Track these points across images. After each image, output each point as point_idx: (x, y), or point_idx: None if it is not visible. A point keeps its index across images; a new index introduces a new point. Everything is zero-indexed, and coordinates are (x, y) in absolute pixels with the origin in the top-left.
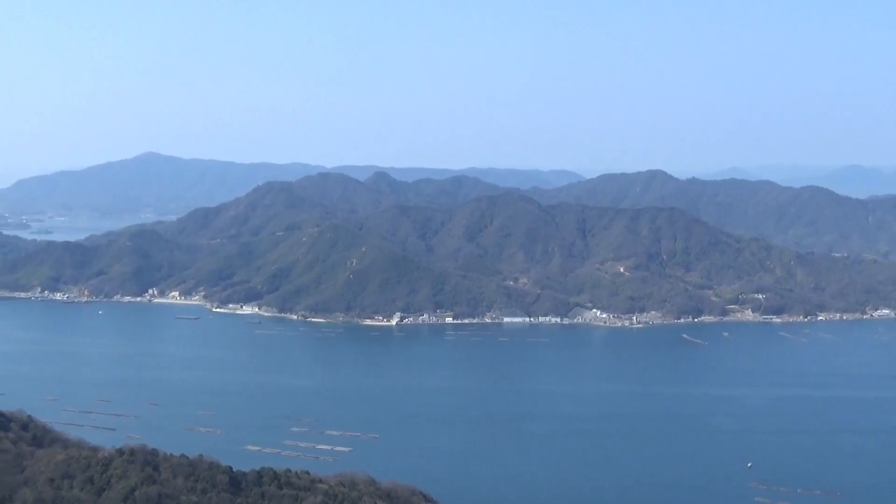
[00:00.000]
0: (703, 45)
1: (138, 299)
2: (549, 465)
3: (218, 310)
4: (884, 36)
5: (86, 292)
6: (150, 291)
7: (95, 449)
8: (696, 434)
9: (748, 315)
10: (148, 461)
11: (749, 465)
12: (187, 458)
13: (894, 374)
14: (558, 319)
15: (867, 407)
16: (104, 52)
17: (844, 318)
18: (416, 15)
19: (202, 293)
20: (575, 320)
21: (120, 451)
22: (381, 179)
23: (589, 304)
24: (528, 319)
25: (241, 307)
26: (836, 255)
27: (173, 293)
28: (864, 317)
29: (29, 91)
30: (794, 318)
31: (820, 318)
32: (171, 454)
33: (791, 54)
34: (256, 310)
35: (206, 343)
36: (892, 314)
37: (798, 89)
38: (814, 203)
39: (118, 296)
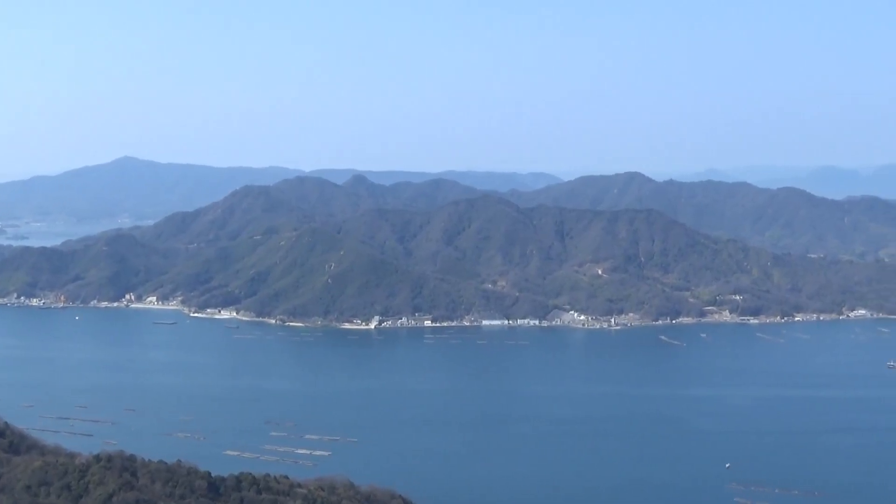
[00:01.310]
0: (680, 47)
1: (115, 305)
2: (529, 467)
3: (196, 314)
4: (859, 38)
5: (62, 298)
6: (127, 296)
7: (72, 455)
8: (674, 435)
9: (726, 316)
10: (125, 467)
11: (727, 465)
12: (165, 463)
13: (871, 374)
14: (537, 322)
15: (845, 407)
16: (80, 57)
17: (821, 318)
18: (394, 19)
19: (180, 298)
20: (553, 322)
21: (97, 458)
22: (359, 183)
23: (567, 307)
24: (506, 322)
25: (219, 312)
26: (813, 256)
27: (150, 298)
28: (841, 317)
29: (3, 96)
30: (772, 319)
31: (797, 318)
32: (148, 460)
33: (767, 56)
34: (234, 314)
35: (184, 348)
36: (869, 315)
37: (774, 91)
38: (790, 204)
39: (95, 301)
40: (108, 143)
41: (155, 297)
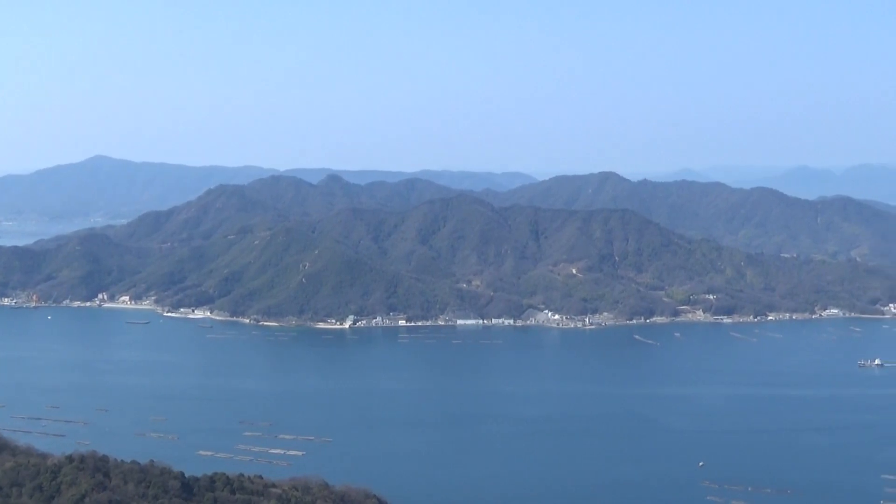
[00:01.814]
0: (654, 48)
1: (88, 304)
2: (503, 466)
3: (169, 314)
4: (830, 40)
5: (34, 297)
6: (100, 296)
7: (44, 456)
8: (648, 434)
9: (699, 315)
10: (98, 468)
11: (700, 464)
12: (138, 464)
13: (843, 373)
14: (511, 321)
15: (817, 405)
16: (52, 55)
17: (794, 317)
18: (368, 17)
19: (153, 297)
20: (528, 322)
21: (70, 458)
22: (334, 182)
23: (542, 306)
24: (481, 321)
25: (193, 311)
26: (786, 255)
27: (123, 298)
28: (813, 317)
29: None
30: (745, 319)
31: (770, 318)
32: (121, 460)
33: (740, 57)
34: (208, 314)
35: (158, 348)
36: (841, 314)
37: (747, 91)
38: (763, 204)
39: (67, 301)
40: (81, 141)
41: (128, 297)
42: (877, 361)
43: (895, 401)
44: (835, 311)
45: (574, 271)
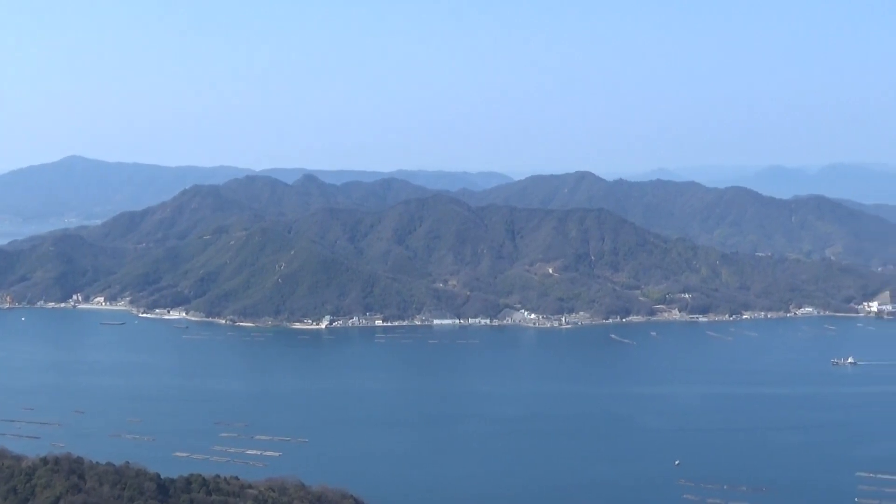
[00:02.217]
0: (629, 48)
1: (62, 305)
2: (480, 466)
3: (144, 315)
4: (804, 40)
5: (8, 298)
6: (75, 297)
7: (19, 458)
8: (624, 433)
9: (675, 314)
10: (73, 470)
11: (677, 462)
12: (114, 465)
13: (817, 371)
14: (488, 321)
15: (791, 404)
16: (25, 55)
17: (769, 316)
18: (344, 17)
19: (128, 298)
20: (504, 321)
21: (44, 460)
22: (310, 182)
23: (518, 306)
24: (457, 321)
25: (168, 312)
26: (761, 254)
27: (98, 299)
28: (788, 315)
29: None
30: (720, 317)
31: (745, 316)
32: (96, 462)
33: (713, 57)
34: (184, 314)
35: (133, 349)
36: (815, 312)
37: (721, 91)
38: (738, 203)
39: (41, 302)
40: (55, 141)
41: (103, 298)
42: (850, 360)
43: (868, 399)
44: (809, 309)
45: (550, 271)
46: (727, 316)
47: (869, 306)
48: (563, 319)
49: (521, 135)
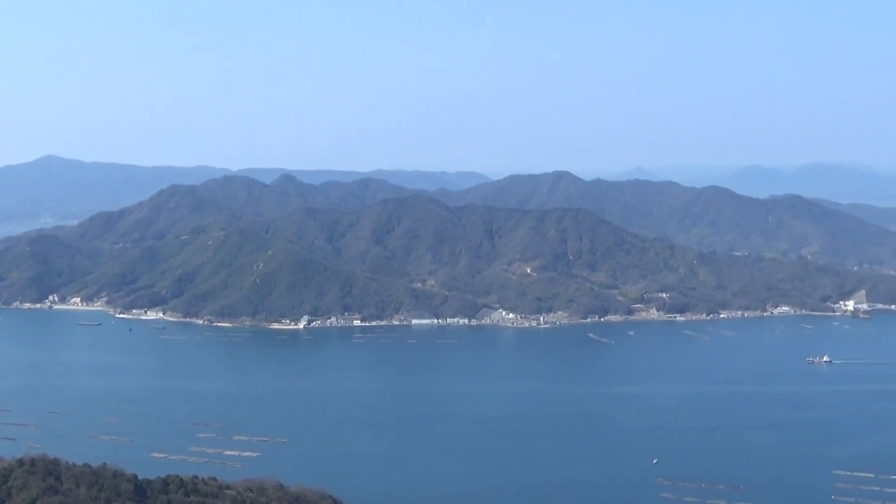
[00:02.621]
0: (606, 48)
1: (38, 306)
2: (458, 466)
3: (121, 315)
4: (780, 41)
5: None
6: (51, 298)
7: None
8: (603, 432)
9: (653, 314)
10: (49, 471)
11: (655, 461)
12: (90, 466)
13: (793, 370)
14: (466, 320)
15: (768, 402)
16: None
17: (746, 315)
18: (320, 17)
19: (105, 299)
20: (483, 321)
21: (20, 462)
22: (288, 182)
23: (496, 305)
24: (436, 321)
25: (146, 312)
26: (738, 253)
27: (74, 299)
28: (765, 314)
29: None
30: (698, 317)
31: (722, 315)
32: (73, 463)
33: (690, 57)
34: (161, 315)
35: (110, 349)
36: (792, 311)
37: (698, 91)
38: (715, 203)
39: (17, 302)
40: (31, 141)
41: (79, 298)
42: (825, 358)
43: (843, 397)
44: (786, 308)
45: (528, 270)
46: (704, 315)
47: (845, 305)
48: (542, 319)
49: (498, 135)
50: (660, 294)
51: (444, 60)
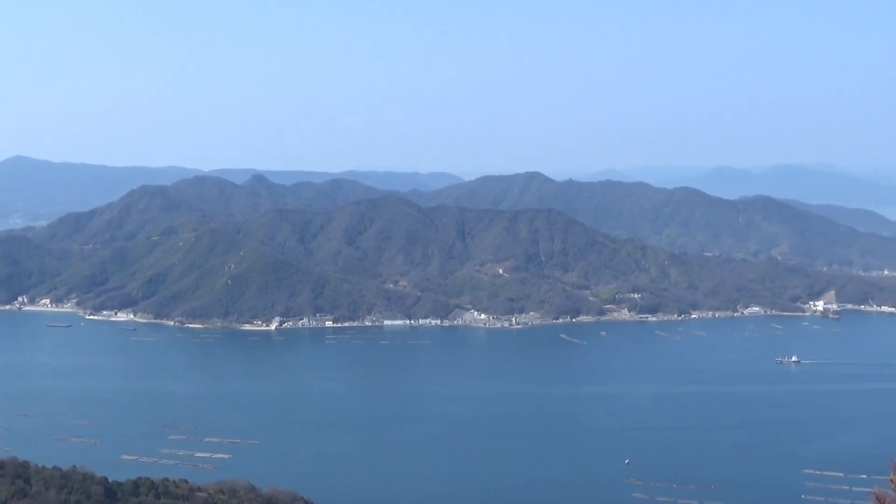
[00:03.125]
0: (578, 49)
1: (7, 307)
2: (431, 467)
3: (91, 317)
4: (749, 42)
5: None
6: (20, 299)
7: None
8: (575, 432)
9: (624, 314)
10: (18, 474)
11: (627, 461)
12: (60, 469)
13: (762, 370)
14: (438, 321)
15: (738, 402)
16: None
17: (717, 315)
18: (290, 15)
19: (74, 300)
20: (455, 322)
21: None
22: (259, 183)
23: (469, 306)
24: (408, 322)
25: (116, 314)
26: (708, 254)
27: (44, 300)
28: (736, 314)
29: None
30: (669, 317)
31: (693, 316)
32: (42, 466)
33: (661, 59)
34: (131, 316)
35: (79, 351)
36: (762, 311)
37: (669, 93)
38: (686, 204)
39: None
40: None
41: (48, 300)
42: (794, 358)
43: (812, 397)
44: (756, 308)
45: (500, 271)
46: (676, 315)
47: (815, 305)
48: (514, 319)
49: (471, 136)
50: (631, 294)
51: (416, 61)
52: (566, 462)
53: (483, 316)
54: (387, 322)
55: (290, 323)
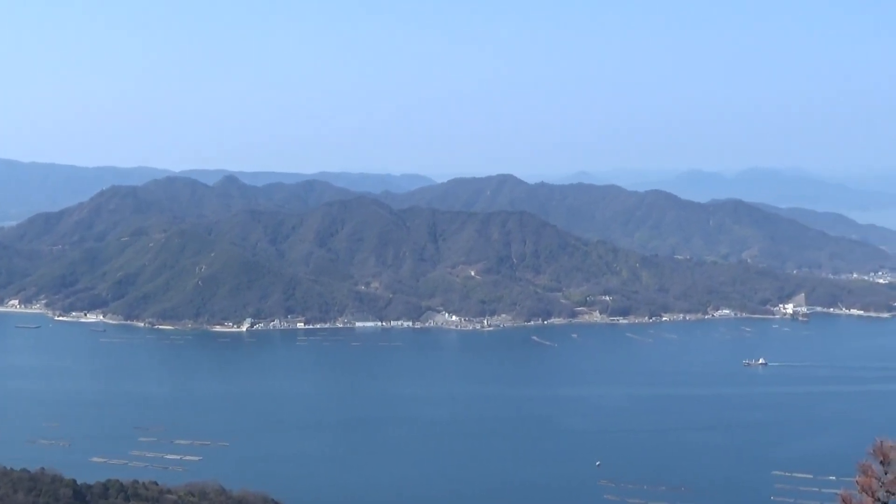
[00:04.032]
0: (549, 52)
1: None
2: (402, 469)
3: (61, 318)
4: (719, 46)
5: None
6: None
7: None
8: (547, 434)
9: (596, 317)
10: None
11: (598, 463)
12: (28, 471)
13: (731, 373)
14: (410, 323)
15: (709, 404)
16: None
17: (687, 318)
18: (261, 15)
19: (43, 301)
20: (427, 324)
21: None
22: (231, 184)
23: (440, 308)
24: (380, 324)
25: (86, 315)
26: (679, 257)
27: (13, 301)
28: (706, 317)
29: None
30: (640, 319)
31: (664, 318)
32: (10, 468)
33: (632, 62)
34: (101, 318)
35: (48, 352)
36: (732, 314)
37: (641, 96)
38: (658, 207)
39: None
40: None
41: (17, 301)
42: (761, 361)
43: (781, 399)
44: (727, 311)
45: (472, 273)
46: (647, 318)
47: (784, 308)
48: (486, 322)
49: (443, 137)
50: (603, 297)
51: (389, 64)
52: (538, 464)
53: (455, 318)
54: (358, 324)
55: (262, 324)
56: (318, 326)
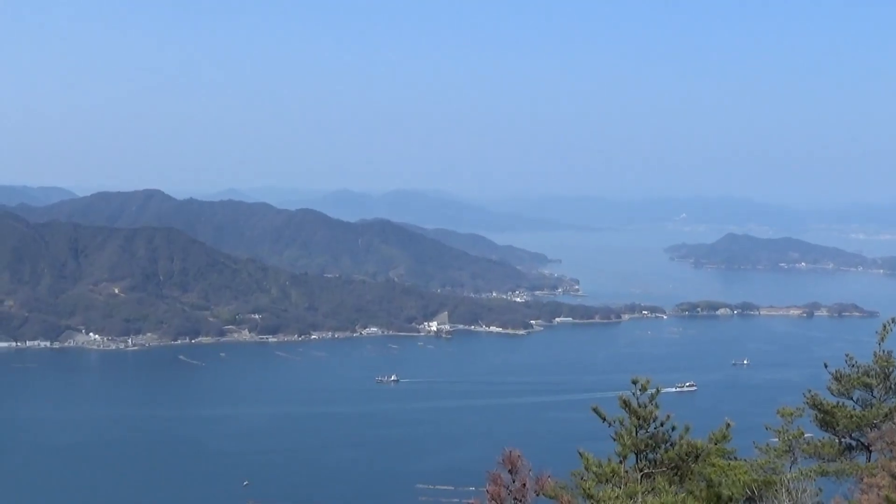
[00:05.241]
0: (187, 64)
1: None
2: (26, 501)
3: None
4: (346, 69)
5: None
6: None
7: None
8: (191, 456)
9: (245, 335)
10: None
11: (245, 483)
12: None
13: (364, 389)
14: (48, 343)
15: (354, 421)
16: None
17: (336, 336)
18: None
19: None
20: (66, 344)
21: None
22: None
23: (81, 327)
24: (14, 344)
25: None
26: (329, 275)
27: None
28: (355, 335)
29: None
30: (289, 338)
31: (314, 336)
32: None
33: (281, 79)
34: None
35: None
36: (380, 332)
37: (292, 114)
38: (308, 225)
39: None
40: None
41: None
42: (393, 377)
43: (415, 415)
44: (374, 329)
45: (116, 291)
46: (296, 336)
47: (429, 326)
48: (130, 341)
49: (86, 149)
50: (252, 315)
51: (27, 73)
52: (182, 487)
53: (97, 337)
54: None
55: None
56: None
